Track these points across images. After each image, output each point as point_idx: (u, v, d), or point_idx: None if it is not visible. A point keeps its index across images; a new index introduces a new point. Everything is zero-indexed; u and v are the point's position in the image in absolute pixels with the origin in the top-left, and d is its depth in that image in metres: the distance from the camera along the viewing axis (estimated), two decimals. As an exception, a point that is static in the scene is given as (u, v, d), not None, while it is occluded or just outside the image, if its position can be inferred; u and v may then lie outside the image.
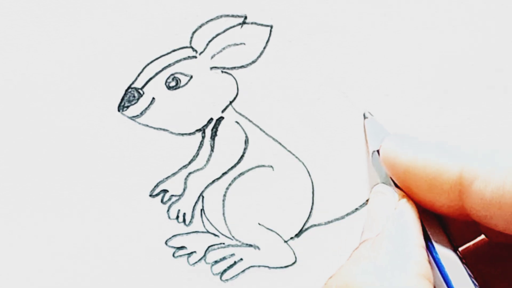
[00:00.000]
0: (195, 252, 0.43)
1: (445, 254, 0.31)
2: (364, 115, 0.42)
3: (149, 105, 0.42)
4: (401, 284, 0.29)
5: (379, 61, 0.42)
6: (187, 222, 0.43)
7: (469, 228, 0.35)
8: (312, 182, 0.42)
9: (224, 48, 0.42)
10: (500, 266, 0.35)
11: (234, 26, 0.42)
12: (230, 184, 0.43)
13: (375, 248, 0.31)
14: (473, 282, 0.30)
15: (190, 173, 0.43)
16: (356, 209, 0.42)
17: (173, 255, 0.43)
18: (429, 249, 0.31)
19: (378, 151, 0.35)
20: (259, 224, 0.43)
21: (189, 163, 0.43)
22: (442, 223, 0.33)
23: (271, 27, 0.42)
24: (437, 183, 0.31)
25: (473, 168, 0.30)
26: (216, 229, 0.43)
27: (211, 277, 0.43)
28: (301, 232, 0.43)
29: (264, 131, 0.42)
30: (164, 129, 0.42)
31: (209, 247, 0.43)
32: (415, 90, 0.43)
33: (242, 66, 0.42)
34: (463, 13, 0.43)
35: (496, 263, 0.35)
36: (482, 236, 0.36)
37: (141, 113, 0.42)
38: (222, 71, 0.42)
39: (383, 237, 0.31)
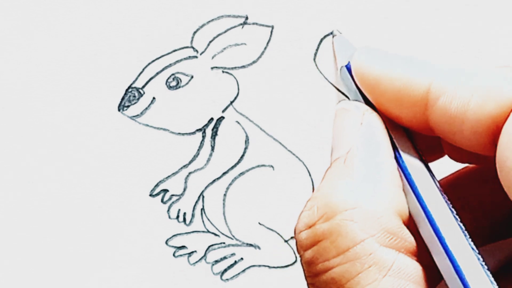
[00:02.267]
0: (195, 251, 0.43)
1: (413, 163, 0.32)
2: (332, 33, 0.42)
3: (149, 104, 0.42)
4: (378, 196, 0.30)
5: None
6: (187, 221, 0.43)
7: (435, 148, 0.35)
8: (312, 182, 0.42)
9: (225, 48, 0.42)
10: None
11: (235, 27, 0.42)
12: (230, 184, 0.43)
13: (348, 165, 0.31)
14: (439, 191, 0.31)
15: (190, 173, 0.43)
16: (356, 208, 0.42)
17: (174, 255, 0.43)
18: (397, 159, 0.32)
19: (346, 66, 0.35)
20: (259, 223, 0.43)
21: (190, 162, 0.43)
22: (410, 136, 0.33)
23: (272, 27, 0.42)
24: (405, 96, 0.31)
25: (440, 84, 0.31)
26: (216, 228, 0.43)
27: (212, 277, 0.43)
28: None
29: (264, 131, 0.42)
30: (164, 129, 0.42)
31: (209, 246, 0.43)
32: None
33: (243, 66, 0.42)
34: (462, 13, 0.43)
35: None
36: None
37: (142, 113, 0.42)
38: (223, 71, 0.42)
39: (354, 153, 0.32)
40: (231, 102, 0.42)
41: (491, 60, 0.43)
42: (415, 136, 0.33)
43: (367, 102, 0.33)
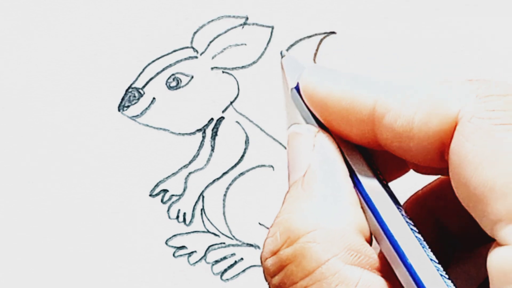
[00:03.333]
0: (195, 251, 0.43)
1: (368, 180, 0.32)
2: (281, 53, 0.42)
3: (149, 105, 0.42)
4: (338, 216, 0.30)
5: (380, 61, 0.43)
6: (187, 221, 0.43)
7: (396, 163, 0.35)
8: (312, 182, 0.43)
9: (225, 49, 0.42)
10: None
11: (235, 27, 0.42)
12: (230, 184, 0.43)
13: (306, 187, 0.32)
14: (396, 205, 0.31)
15: (190, 173, 0.43)
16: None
17: (174, 255, 0.43)
18: (352, 178, 0.32)
19: (296, 87, 0.35)
20: (259, 223, 0.43)
21: (190, 163, 0.43)
22: (366, 154, 0.33)
23: (272, 28, 0.42)
24: (352, 114, 0.32)
25: (385, 101, 0.31)
26: (216, 228, 0.43)
27: (212, 277, 0.43)
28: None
29: (264, 131, 0.42)
30: (164, 129, 0.42)
31: (209, 246, 0.43)
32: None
33: (243, 67, 0.42)
34: (462, 12, 0.43)
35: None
36: None
37: (142, 113, 0.42)
38: (223, 72, 0.42)
39: (310, 175, 0.32)
40: (231, 102, 0.42)
41: (491, 60, 0.43)
42: (377, 152, 0.33)
43: (319, 123, 0.34)
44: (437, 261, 0.30)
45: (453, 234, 0.36)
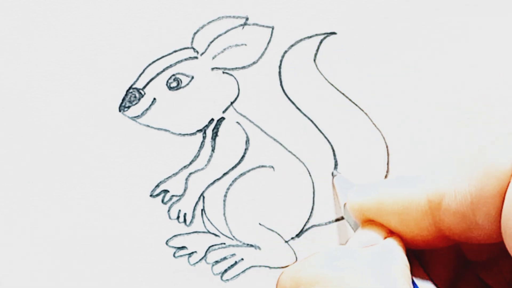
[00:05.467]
0: (195, 252, 0.43)
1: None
2: (332, 173, 0.42)
3: (150, 105, 0.42)
4: None
5: (380, 61, 0.43)
6: (187, 222, 0.43)
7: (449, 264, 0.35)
8: (312, 183, 0.42)
9: (225, 49, 0.42)
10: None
11: (235, 27, 0.42)
12: (231, 185, 0.43)
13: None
14: None
15: (191, 173, 0.43)
16: (357, 209, 0.43)
17: (174, 255, 0.43)
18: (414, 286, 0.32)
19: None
20: (259, 224, 0.43)
21: (190, 163, 0.43)
22: (421, 263, 0.33)
23: (273, 28, 0.42)
24: (409, 216, 0.31)
25: (436, 188, 0.30)
26: (216, 229, 0.43)
27: (212, 277, 0.43)
28: (301, 232, 0.43)
29: (265, 132, 0.42)
30: (165, 130, 0.42)
31: (209, 247, 0.43)
32: (415, 90, 0.43)
33: (243, 67, 0.42)
34: (462, 12, 0.43)
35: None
36: None
37: (142, 114, 0.42)
38: (223, 72, 0.42)
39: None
40: (232, 103, 0.42)
41: (491, 60, 0.43)
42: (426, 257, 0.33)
43: None
44: None
45: None
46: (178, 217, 0.43)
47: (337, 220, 0.43)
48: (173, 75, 0.42)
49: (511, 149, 0.29)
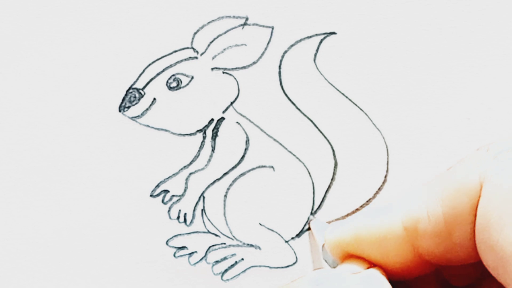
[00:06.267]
0: (196, 252, 0.43)
1: None
2: (308, 218, 0.42)
3: (150, 105, 0.42)
4: None
5: (380, 62, 0.42)
6: (188, 222, 0.43)
7: None
8: (312, 183, 0.42)
9: (225, 49, 0.42)
10: None
11: (235, 27, 0.42)
12: (231, 185, 0.43)
13: None
14: None
15: (191, 174, 0.43)
16: (357, 209, 0.42)
17: (174, 255, 0.43)
18: None
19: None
20: (260, 224, 0.43)
21: (190, 163, 0.43)
22: None
23: (272, 28, 0.42)
24: (387, 245, 0.31)
25: (410, 213, 0.30)
26: (217, 229, 0.43)
27: (212, 277, 0.43)
28: (301, 232, 0.43)
29: (265, 132, 0.42)
30: (165, 130, 0.42)
31: (210, 247, 0.43)
32: (415, 90, 0.43)
33: (243, 67, 0.42)
34: (462, 13, 0.43)
35: None
36: None
37: (142, 114, 0.42)
38: (223, 72, 0.42)
39: None
40: (232, 103, 0.42)
41: (491, 59, 0.43)
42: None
43: None
44: None
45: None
46: (178, 217, 0.43)
47: (336, 220, 0.43)
48: (173, 75, 0.42)
49: (479, 165, 0.28)
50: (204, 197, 0.43)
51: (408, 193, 0.31)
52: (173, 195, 0.43)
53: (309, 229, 0.43)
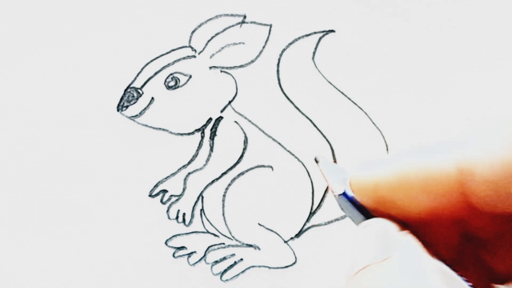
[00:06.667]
0: (195, 252, 0.43)
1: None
2: (315, 159, 0.38)
3: (148, 105, 0.42)
4: None
5: (379, 60, 0.42)
6: (187, 222, 0.43)
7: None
8: (311, 182, 0.42)
9: (223, 48, 0.42)
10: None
11: (233, 26, 0.42)
12: (229, 184, 0.42)
13: (390, 271, 0.27)
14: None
15: (189, 173, 0.42)
16: (356, 209, 0.42)
17: (173, 255, 0.42)
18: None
19: (344, 195, 0.30)
20: (259, 224, 0.42)
21: (189, 163, 0.42)
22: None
23: (270, 26, 0.42)
24: (436, 189, 0.28)
25: (468, 156, 0.27)
26: (216, 229, 0.43)
27: (211, 277, 0.43)
28: (301, 232, 0.43)
29: (263, 131, 0.42)
30: (163, 129, 0.42)
31: (209, 247, 0.43)
32: (415, 90, 0.43)
33: (241, 66, 0.42)
34: (462, 13, 0.43)
35: None
36: None
37: (140, 113, 0.42)
38: (221, 71, 0.42)
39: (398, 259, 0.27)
40: (230, 102, 0.42)
41: (491, 59, 0.43)
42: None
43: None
44: None
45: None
46: (177, 217, 0.43)
47: (336, 220, 0.42)
48: (171, 74, 0.42)
49: None
50: (202, 197, 0.43)
51: (467, 134, 0.27)
52: (171, 195, 0.42)
53: (308, 229, 0.42)
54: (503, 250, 0.31)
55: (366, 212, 0.29)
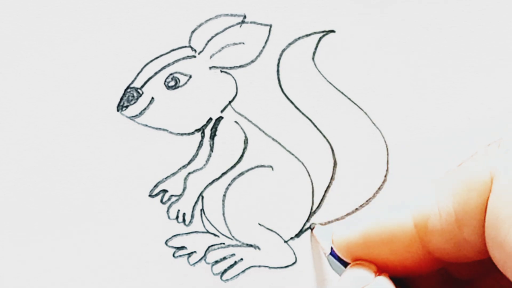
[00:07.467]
0: (195, 252, 0.43)
1: None
2: (310, 227, 0.42)
3: (148, 105, 0.42)
4: None
5: (379, 61, 0.42)
6: (187, 222, 0.43)
7: None
8: (311, 182, 0.42)
9: (223, 48, 0.42)
10: None
11: (233, 26, 0.42)
12: (229, 184, 0.42)
13: None
14: None
15: (189, 173, 0.42)
16: (356, 209, 0.42)
17: (173, 255, 0.43)
18: None
19: (331, 254, 0.34)
20: (259, 224, 0.43)
21: (189, 163, 0.42)
22: None
23: (270, 26, 0.42)
24: (397, 243, 0.31)
25: (421, 210, 0.30)
26: (216, 229, 0.43)
27: (211, 277, 0.43)
28: (301, 232, 0.43)
29: (263, 131, 0.42)
30: (163, 129, 0.42)
31: (209, 247, 0.43)
32: (415, 90, 0.43)
33: (241, 66, 0.42)
34: (462, 13, 0.43)
35: None
36: None
37: (140, 113, 0.42)
38: (221, 71, 0.42)
39: None
40: (230, 102, 0.42)
41: (491, 59, 0.43)
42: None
43: None
44: None
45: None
46: (177, 217, 0.43)
47: (336, 219, 0.42)
48: (171, 74, 0.42)
49: (489, 161, 0.28)
50: (203, 197, 0.43)
51: (418, 190, 0.31)
52: (172, 195, 0.42)
53: (309, 228, 0.43)
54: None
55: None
